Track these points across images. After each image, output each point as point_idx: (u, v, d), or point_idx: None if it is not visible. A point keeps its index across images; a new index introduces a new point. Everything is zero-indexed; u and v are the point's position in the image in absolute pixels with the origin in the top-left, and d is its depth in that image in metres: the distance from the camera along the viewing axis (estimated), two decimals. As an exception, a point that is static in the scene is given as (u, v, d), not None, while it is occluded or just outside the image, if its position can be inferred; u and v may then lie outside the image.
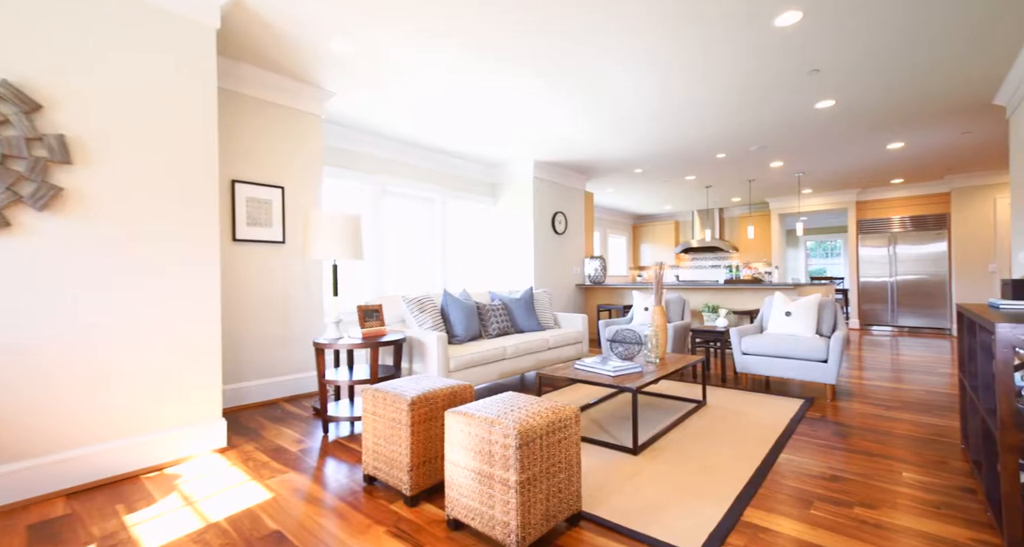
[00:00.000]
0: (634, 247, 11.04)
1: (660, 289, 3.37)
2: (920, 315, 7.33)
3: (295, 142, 3.57)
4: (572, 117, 4.33)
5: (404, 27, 2.77)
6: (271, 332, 3.43)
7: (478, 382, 3.33)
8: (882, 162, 6.06)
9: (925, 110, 4.23)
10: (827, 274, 11.46)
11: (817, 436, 2.65)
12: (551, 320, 4.49)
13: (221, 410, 2.59)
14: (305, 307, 3.63)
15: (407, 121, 4.35)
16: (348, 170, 4.66)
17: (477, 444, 1.60)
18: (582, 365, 2.92)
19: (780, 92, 3.78)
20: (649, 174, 6.73)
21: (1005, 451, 1.42)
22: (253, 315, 3.34)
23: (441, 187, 5.68)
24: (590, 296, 6.86)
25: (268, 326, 3.42)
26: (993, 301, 2.15)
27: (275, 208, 3.43)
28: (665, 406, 3.25)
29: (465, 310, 3.64)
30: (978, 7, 2.61)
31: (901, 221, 7.51)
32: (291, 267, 3.55)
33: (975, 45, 3.05)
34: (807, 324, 3.70)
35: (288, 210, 3.52)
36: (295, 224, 3.56)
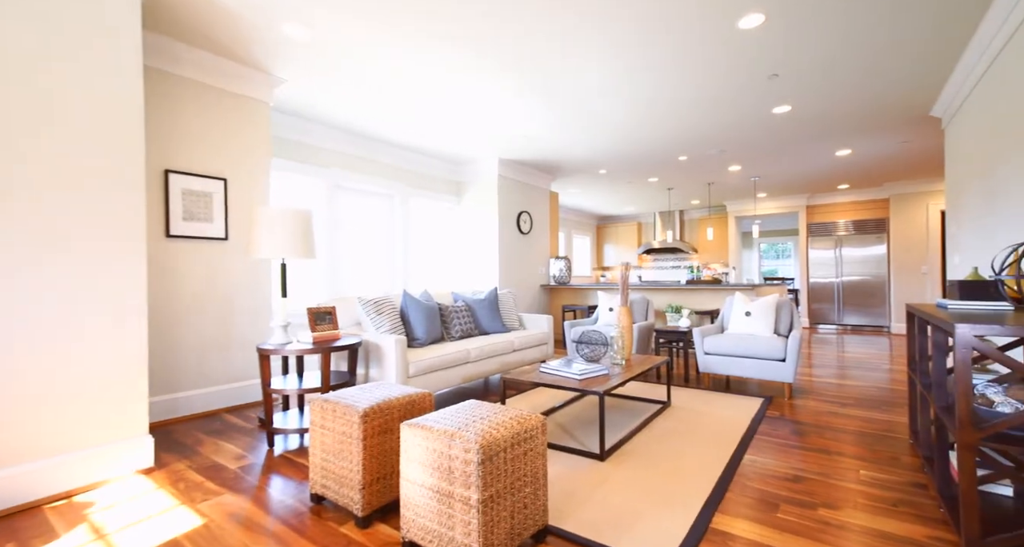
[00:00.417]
0: (598, 248, 11.15)
1: (626, 290, 3.34)
2: (862, 314, 7.77)
3: (240, 131, 3.29)
4: (538, 115, 4.25)
5: (366, 15, 2.59)
6: (212, 337, 3.14)
7: (440, 388, 3.18)
8: (831, 168, 6.36)
9: (871, 119, 4.44)
10: (779, 275, 12.00)
11: (778, 435, 2.68)
12: (516, 321, 4.39)
13: (147, 425, 2.31)
14: (251, 309, 3.36)
15: (366, 113, 4.13)
16: (301, 163, 4.38)
17: (436, 459, 1.47)
18: (548, 368, 2.83)
19: (741, 96, 3.84)
20: (613, 175, 6.77)
21: (963, 450, 1.44)
22: (191, 318, 3.04)
23: (402, 184, 5.47)
24: (555, 296, 6.83)
25: (208, 330, 3.12)
26: (941, 301, 2.22)
27: (216, 202, 3.14)
28: (631, 408, 3.21)
29: (426, 312, 3.48)
30: (922, 22, 2.72)
31: (846, 225, 7.93)
32: (235, 266, 3.27)
33: (918, 58, 3.20)
34: (766, 324, 3.78)
35: (232, 204, 3.24)
36: (240, 219, 3.28)
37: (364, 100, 3.83)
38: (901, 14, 2.67)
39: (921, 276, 7.15)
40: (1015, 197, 2.61)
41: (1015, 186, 2.62)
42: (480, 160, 5.90)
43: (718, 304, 5.31)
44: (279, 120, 4.11)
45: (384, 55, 3.06)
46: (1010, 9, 2.53)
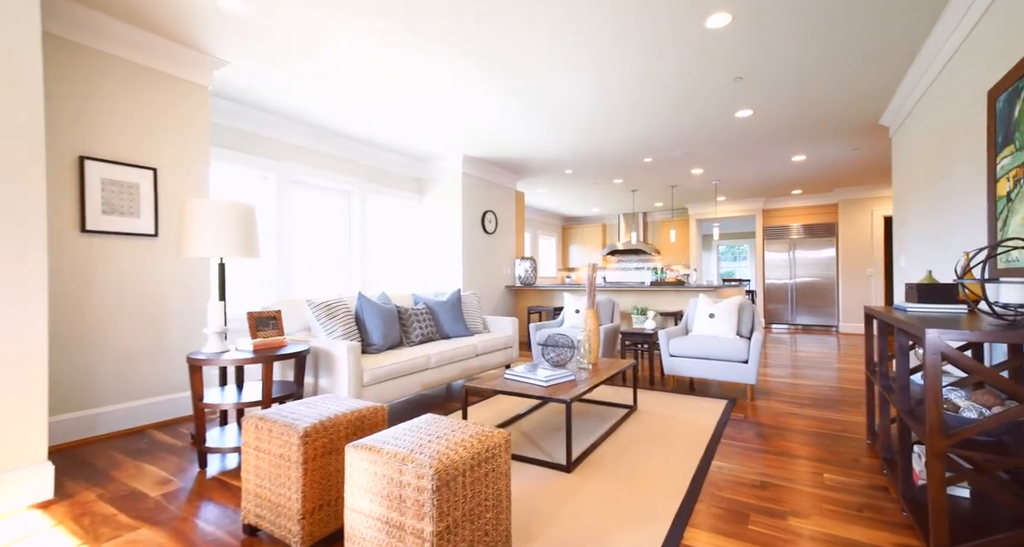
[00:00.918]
0: (563, 248, 11.15)
1: (593, 292, 3.26)
2: (813, 314, 8.11)
3: (175, 116, 2.97)
4: (504, 111, 4.11)
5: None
6: (138, 344, 2.81)
7: (398, 396, 2.99)
8: (786, 173, 6.57)
9: (825, 125, 4.58)
10: (736, 276, 12.42)
11: (743, 439, 2.66)
12: (480, 324, 4.24)
13: (46, 449, 2.00)
14: (187, 313, 3.04)
15: (321, 103, 3.86)
16: (250, 155, 4.05)
17: (385, 487, 1.30)
18: (512, 375, 2.70)
19: (707, 98, 3.85)
20: (579, 175, 6.73)
21: (933, 457, 1.41)
22: (112, 324, 2.71)
23: (361, 179, 5.19)
24: (520, 298, 6.72)
25: (133, 337, 2.79)
26: (900, 304, 2.25)
27: (145, 194, 2.81)
28: (597, 413, 3.13)
29: (383, 315, 3.26)
30: (874, 34, 2.78)
31: (799, 228, 8.26)
32: (168, 266, 2.94)
33: (869, 68, 3.29)
34: (729, 325, 3.80)
35: (164, 197, 2.91)
36: (173, 214, 2.96)
37: (318, 89, 3.57)
38: (855, 24, 2.71)
39: (867, 278, 7.53)
40: (958, 206, 2.70)
41: (958, 196, 2.71)
42: (444, 157, 5.70)
43: (682, 305, 5.35)
44: (223, 107, 3.78)
45: (338, 41, 2.84)
46: (952, 28, 2.62)
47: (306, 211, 4.68)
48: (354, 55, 3.05)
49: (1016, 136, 2.01)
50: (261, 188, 4.28)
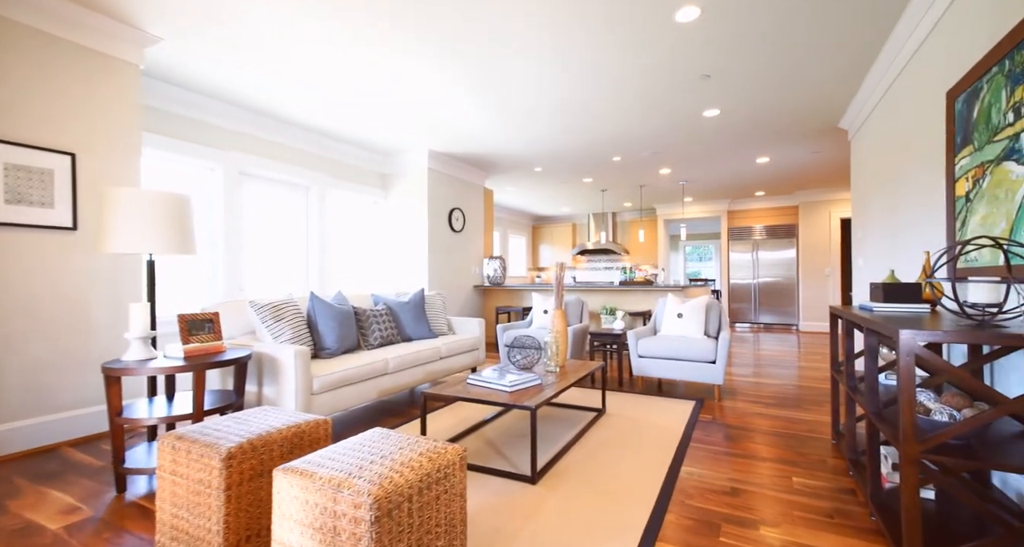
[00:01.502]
0: (533, 248, 11.06)
1: (560, 292, 3.15)
2: (775, 313, 8.33)
3: (98, 96, 2.66)
4: (471, 104, 3.95)
5: (250, -46, 2.14)
6: (53, 352, 2.49)
7: (354, 404, 2.78)
8: (751, 175, 6.70)
9: (788, 127, 4.65)
10: (702, 276, 12.68)
11: (711, 441, 2.61)
12: (445, 326, 4.06)
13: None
14: (114, 317, 2.73)
15: (274, 91, 3.59)
16: (194, 144, 3.72)
17: (317, 517, 1.12)
18: (476, 380, 2.54)
19: (675, 96, 3.81)
20: (549, 174, 6.64)
21: (907, 464, 1.36)
22: (20, 329, 2.38)
23: (319, 173, 4.91)
24: (489, 298, 6.57)
25: (48, 344, 2.47)
26: (865, 304, 2.23)
27: (60, 182, 2.50)
28: (565, 417, 3.02)
29: (338, 317, 3.04)
30: (838, 34, 2.79)
31: (761, 230, 8.46)
32: (88, 263, 2.63)
33: (830, 72, 3.32)
34: (697, 325, 3.78)
35: (83, 186, 2.60)
36: (95, 205, 2.65)
37: (269, 75, 3.30)
38: (817, 25, 2.71)
39: (825, 278, 7.79)
40: (916, 206, 2.74)
41: (916, 197, 2.75)
42: (409, 151, 5.48)
43: (650, 305, 5.33)
44: (162, 90, 3.45)
45: (288, 24, 2.60)
46: (911, 29, 2.65)
47: (259, 206, 4.37)
48: (305, 38, 2.82)
49: (975, 136, 2.02)
50: (207, 180, 3.95)
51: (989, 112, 1.90)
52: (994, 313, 1.43)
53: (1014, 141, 1.72)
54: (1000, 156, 1.81)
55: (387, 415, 3.15)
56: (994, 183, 1.86)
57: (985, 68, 1.91)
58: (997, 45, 1.82)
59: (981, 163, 1.96)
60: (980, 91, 1.97)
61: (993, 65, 1.86)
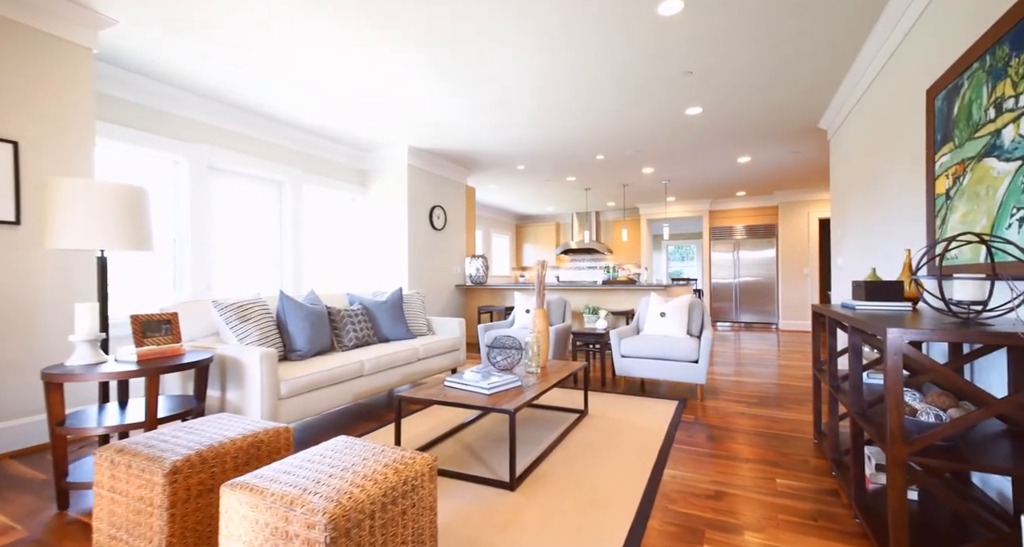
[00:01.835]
0: (517, 247, 10.99)
1: (542, 291, 3.07)
2: (755, 312, 8.42)
3: (44, 80, 2.47)
4: (451, 98, 3.84)
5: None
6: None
7: (326, 409, 2.65)
8: (732, 175, 6.74)
9: (769, 126, 4.67)
10: (684, 275, 12.79)
11: (694, 443, 2.56)
12: (424, 326, 3.95)
13: None
14: (64, 318, 2.55)
15: (245, 81, 3.42)
16: (157, 136, 3.53)
17: (267, 539, 1.02)
18: (453, 382, 2.45)
19: (658, 93, 3.77)
20: (532, 171, 6.57)
21: (894, 467, 1.31)
22: (-43, 332, 2.20)
23: (294, 168, 4.74)
24: (471, 297, 6.46)
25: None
26: (847, 302, 2.21)
27: (1, 172, 2.31)
28: (547, 419, 2.94)
29: (310, 317, 2.91)
30: (819, 32, 2.78)
31: (742, 229, 8.55)
32: (34, 261, 2.45)
33: (810, 72, 3.32)
34: (680, 325, 3.75)
35: (27, 177, 2.41)
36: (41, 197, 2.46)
37: (238, 64, 3.14)
38: (797, 24, 2.69)
39: (803, 277, 7.90)
40: (895, 205, 2.75)
41: (895, 195, 2.76)
42: (388, 147, 5.34)
43: (633, 304, 5.30)
44: (123, 78, 3.25)
45: (255, 9, 2.46)
46: (891, 28, 2.65)
47: (229, 201, 4.18)
48: (276, 27, 2.68)
49: (955, 134, 2.01)
50: (173, 174, 3.76)
51: (970, 109, 1.89)
52: (979, 311, 1.40)
53: (995, 137, 1.71)
54: (981, 153, 1.80)
55: (363, 419, 3.03)
56: (975, 180, 1.84)
57: (966, 64, 1.90)
58: (978, 41, 1.81)
59: (962, 160, 1.95)
60: (961, 88, 1.96)
61: (974, 61, 1.85)
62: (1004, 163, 1.65)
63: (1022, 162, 1.55)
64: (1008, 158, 1.63)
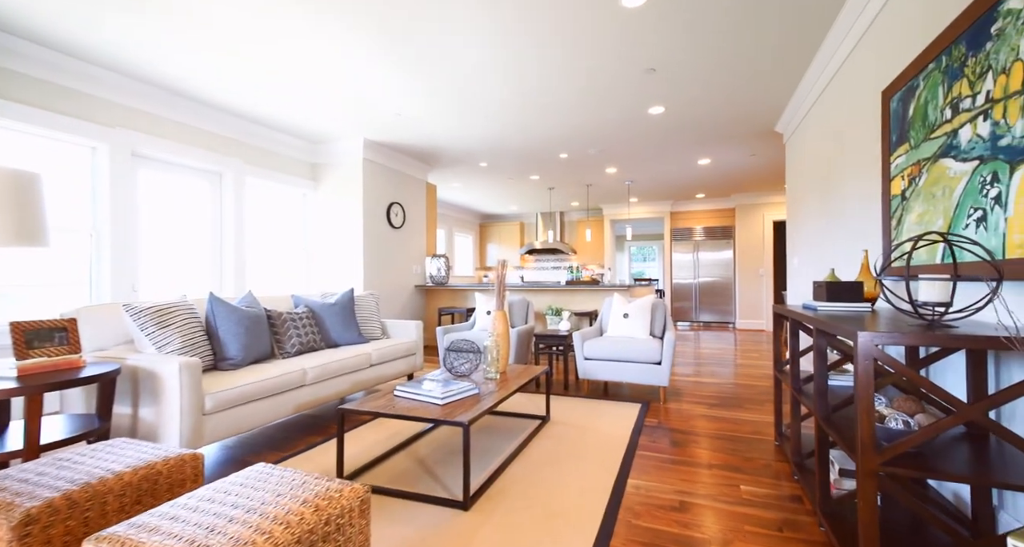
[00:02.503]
0: (481, 247, 10.81)
1: (502, 291, 2.92)
2: (714, 311, 8.61)
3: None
4: (410, 90, 3.63)
5: None
6: None
7: (263, 422, 2.39)
8: (693, 176, 6.84)
9: (728, 128, 4.72)
10: (646, 276, 13.01)
11: (658, 448, 2.48)
12: (378, 329, 3.71)
13: None
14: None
15: (177, 61, 3.08)
16: (72, 118, 3.13)
17: (142, 606, 0.81)
18: (405, 391, 2.26)
19: (621, 90, 3.71)
20: (495, 169, 6.42)
21: (866, 478, 1.25)
22: None
23: (236, 159, 4.38)
24: (431, 298, 6.23)
25: None
26: (808, 303, 2.18)
27: None
28: (506, 427, 2.79)
29: (246, 322, 2.63)
30: (777, 33, 2.78)
31: (701, 231, 8.73)
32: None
33: (767, 76, 3.35)
34: (643, 326, 3.69)
35: None
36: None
37: (169, 42, 2.81)
38: (753, 26, 2.68)
39: (759, 277, 8.15)
40: (850, 206, 2.79)
41: (850, 196, 2.80)
42: (342, 139, 5.04)
43: (597, 305, 5.25)
44: (24, 50, 2.85)
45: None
46: (846, 30, 2.68)
47: (159, 193, 3.79)
48: (210, 2, 2.39)
49: (911, 135, 2.01)
50: (89, 161, 3.35)
51: (926, 109, 1.89)
52: (942, 312, 1.36)
53: (951, 137, 1.70)
54: (937, 153, 1.80)
55: (307, 432, 2.78)
56: (931, 181, 1.84)
57: (922, 65, 1.90)
58: (934, 41, 1.80)
59: (918, 161, 1.95)
60: (916, 89, 1.96)
61: (930, 62, 1.85)
62: (961, 163, 1.64)
63: (979, 162, 1.53)
64: (965, 158, 1.61)
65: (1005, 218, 1.40)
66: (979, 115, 1.53)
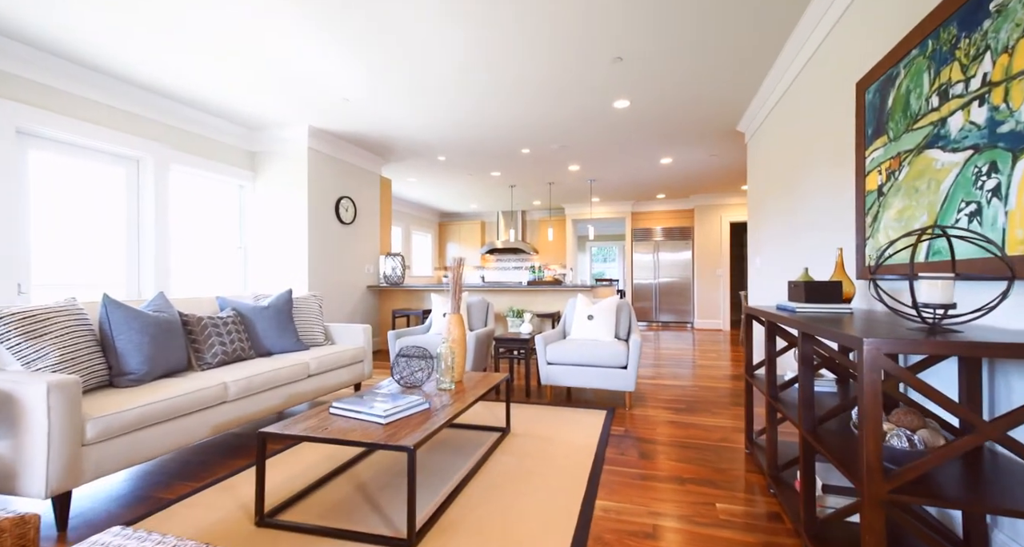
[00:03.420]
0: (440, 246, 10.44)
1: (458, 292, 2.65)
2: (673, 312, 8.68)
3: None
4: (357, 71, 3.28)
5: None
6: None
7: (168, 449, 2.00)
8: (654, 176, 6.81)
9: (692, 126, 4.66)
10: (606, 276, 13.05)
11: (626, 462, 2.29)
12: (320, 334, 3.34)
13: None
14: None
15: (77, 22, 2.59)
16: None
17: None
18: (343, 407, 1.94)
19: (585, 80, 3.52)
20: (454, 164, 6.12)
21: (871, 507, 1.08)
22: None
23: (159, 144, 3.85)
24: (385, 300, 5.85)
25: None
26: (784, 304, 2.05)
27: None
28: (462, 441, 2.52)
29: (151, 329, 2.22)
30: (742, 25, 2.67)
31: (661, 231, 8.78)
32: None
33: (730, 75, 3.26)
34: (608, 328, 3.52)
35: None
36: None
37: (67, 2, 2.34)
38: (719, 19, 2.55)
39: (716, 278, 8.27)
40: (818, 204, 2.72)
41: (818, 194, 2.73)
42: (285, 126, 4.59)
43: (560, 306, 5.06)
44: None
45: None
46: (817, 21, 2.60)
47: (57, 180, 3.24)
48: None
49: (889, 126, 1.92)
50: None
51: (907, 99, 1.78)
52: (943, 315, 1.22)
53: (939, 127, 1.59)
54: (921, 144, 1.69)
55: (231, 455, 2.39)
56: (914, 174, 1.74)
57: (903, 52, 1.80)
58: (919, 25, 1.70)
59: (898, 154, 1.85)
60: (896, 78, 1.87)
61: (912, 48, 1.74)
62: (950, 154, 1.53)
63: (974, 151, 1.42)
64: (955, 148, 1.50)
65: (1005, 212, 1.29)
66: (974, 101, 1.41)
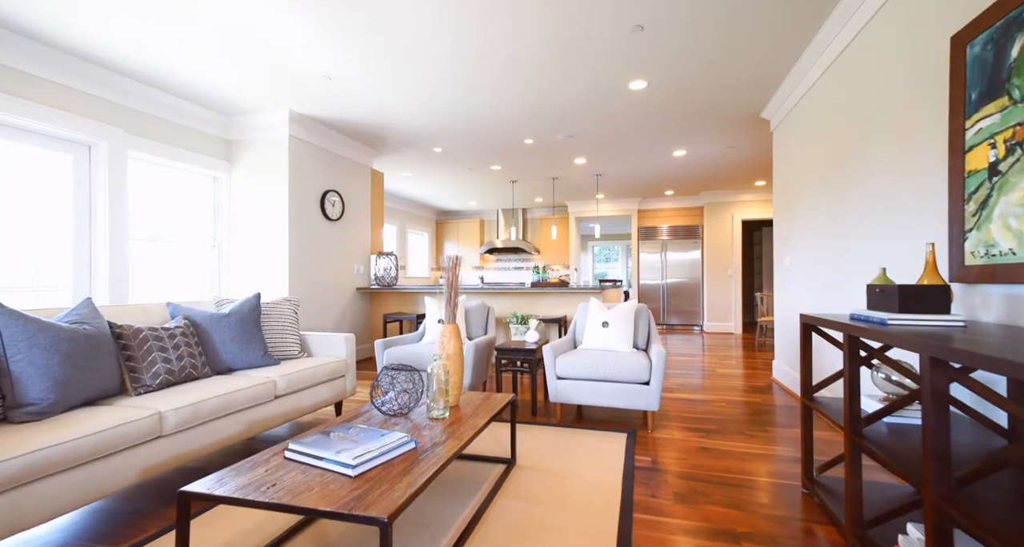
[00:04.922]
0: (437, 246, 9.99)
1: (454, 298, 2.21)
2: (681, 314, 8.25)
3: None
4: (341, 48, 2.83)
5: None
6: None
7: (71, 507, 1.55)
8: (664, 171, 6.37)
9: (712, 112, 4.23)
10: (609, 277, 12.62)
11: (661, 509, 1.85)
12: (295, 345, 2.89)
13: None
14: None
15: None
16: None
17: None
18: (301, 450, 1.49)
19: (600, 54, 3.08)
20: (451, 156, 5.67)
21: None
22: None
23: (114, 128, 3.40)
24: (377, 303, 5.40)
25: None
26: (859, 313, 1.62)
27: None
28: (457, 477, 2.08)
29: (66, 344, 1.76)
30: (769, 18, 2.25)
31: (669, 230, 8.35)
32: None
33: (760, 54, 2.83)
34: (625, 337, 3.08)
35: None
36: None
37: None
38: None
39: (727, 278, 7.84)
40: (877, 196, 2.29)
41: (874, 179, 2.30)
42: (263, 111, 4.15)
43: (567, 310, 4.62)
44: None
45: None
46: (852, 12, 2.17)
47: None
48: None
49: (1013, 84, 1.48)
50: None
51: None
52: None
53: (1109, 75, 1.16)
54: (1073, 102, 1.26)
55: (167, 502, 1.94)
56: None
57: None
58: (1068, -58, 1.27)
59: (1022, 121, 1.41)
60: (1021, 23, 1.43)
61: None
62: None
63: None
64: None
65: None
66: None
